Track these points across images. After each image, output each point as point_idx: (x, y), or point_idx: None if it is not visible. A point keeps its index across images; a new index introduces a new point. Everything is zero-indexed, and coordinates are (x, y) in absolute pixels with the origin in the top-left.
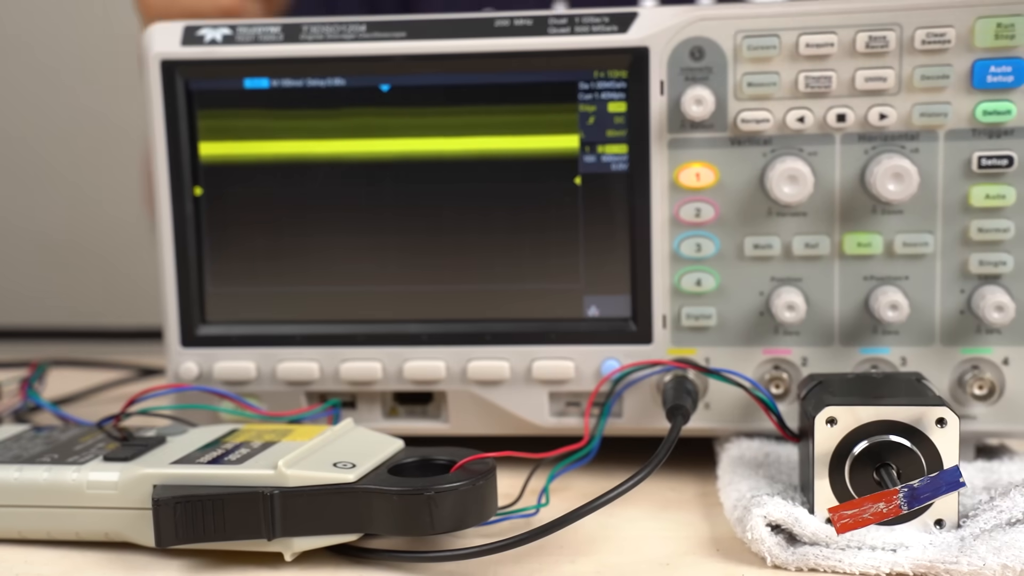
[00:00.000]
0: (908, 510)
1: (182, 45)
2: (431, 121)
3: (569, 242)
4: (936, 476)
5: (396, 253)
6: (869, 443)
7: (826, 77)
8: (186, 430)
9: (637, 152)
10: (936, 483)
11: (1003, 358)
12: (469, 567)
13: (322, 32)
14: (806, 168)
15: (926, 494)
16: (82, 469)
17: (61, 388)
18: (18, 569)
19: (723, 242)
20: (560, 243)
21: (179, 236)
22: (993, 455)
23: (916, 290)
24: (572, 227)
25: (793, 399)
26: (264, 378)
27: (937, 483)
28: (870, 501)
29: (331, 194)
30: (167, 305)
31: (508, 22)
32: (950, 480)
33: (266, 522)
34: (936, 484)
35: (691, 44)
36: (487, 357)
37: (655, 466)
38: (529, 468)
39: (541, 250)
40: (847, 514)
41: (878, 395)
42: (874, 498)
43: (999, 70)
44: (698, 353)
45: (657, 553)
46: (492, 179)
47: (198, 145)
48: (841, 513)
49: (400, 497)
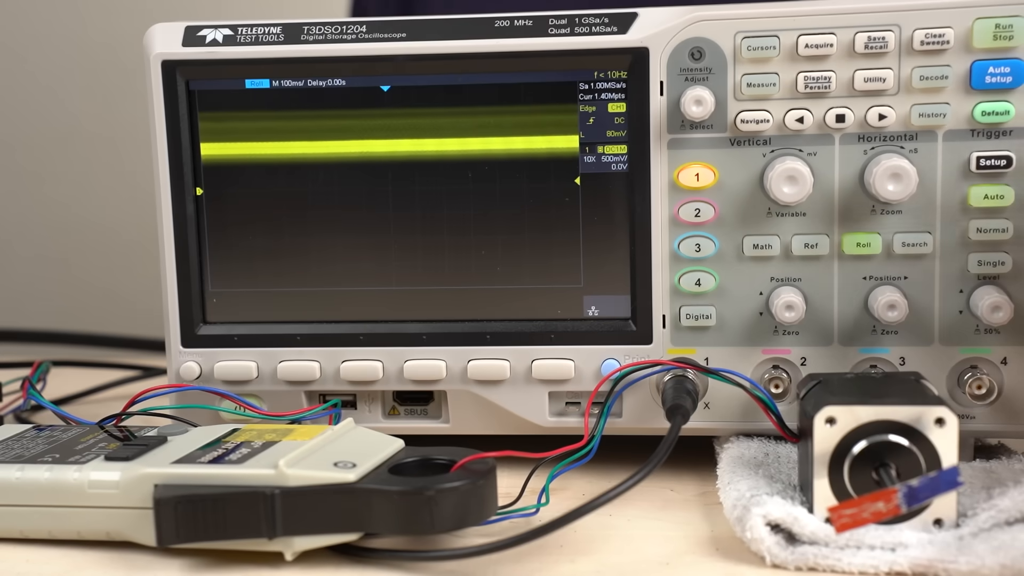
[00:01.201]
0: (907, 509)
1: (183, 46)
2: (431, 121)
3: (569, 242)
4: (934, 476)
5: (396, 253)
6: (868, 443)
7: (825, 78)
8: (187, 430)
9: (637, 152)
10: (934, 483)
11: (1002, 358)
12: (469, 567)
13: (323, 33)
14: (805, 168)
15: (924, 493)
16: (83, 469)
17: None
18: (20, 568)
19: (723, 242)
20: (560, 243)
21: (180, 236)
22: (992, 455)
23: (915, 290)
24: (572, 227)
25: (792, 399)
26: (265, 378)
27: (935, 483)
28: (869, 500)
29: (331, 194)
30: (168, 305)
31: (508, 22)
32: (948, 480)
33: (267, 521)
34: (934, 484)
35: (691, 45)
36: (487, 357)
37: (655, 465)
38: (529, 468)
39: (541, 250)
40: (846, 513)
41: (877, 395)
42: (873, 497)
43: (998, 71)
44: (698, 353)
45: (657, 553)
46: (492, 179)
47: (199, 145)
48: (840, 512)
49: (400, 497)
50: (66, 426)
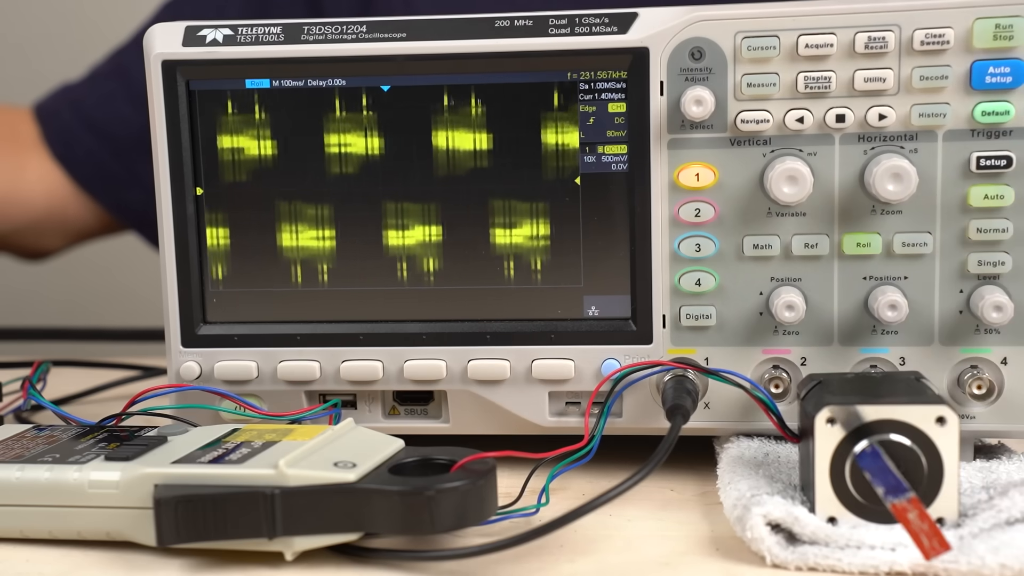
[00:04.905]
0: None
1: (183, 46)
2: (431, 121)
3: (569, 242)
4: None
5: (396, 253)
6: (869, 442)
7: (825, 78)
8: (187, 430)
9: (637, 152)
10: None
11: (1002, 358)
12: (469, 567)
13: (323, 33)
14: (805, 168)
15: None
16: (83, 468)
17: (62, 388)
18: (20, 568)
19: (723, 242)
20: (560, 243)
21: (180, 236)
22: (992, 454)
23: (915, 290)
24: (572, 227)
25: (793, 399)
26: (265, 378)
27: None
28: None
29: (331, 194)
30: (168, 305)
31: (508, 22)
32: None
33: (267, 521)
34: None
35: (691, 45)
36: (487, 357)
37: (655, 465)
38: (529, 468)
39: (541, 250)
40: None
41: (878, 394)
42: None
43: (998, 71)
44: (698, 353)
45: (657, 553)
46: (492, 179)
47: (199, 145)
48: (932, 545)
49: (401, 497)
50: (66, 426)
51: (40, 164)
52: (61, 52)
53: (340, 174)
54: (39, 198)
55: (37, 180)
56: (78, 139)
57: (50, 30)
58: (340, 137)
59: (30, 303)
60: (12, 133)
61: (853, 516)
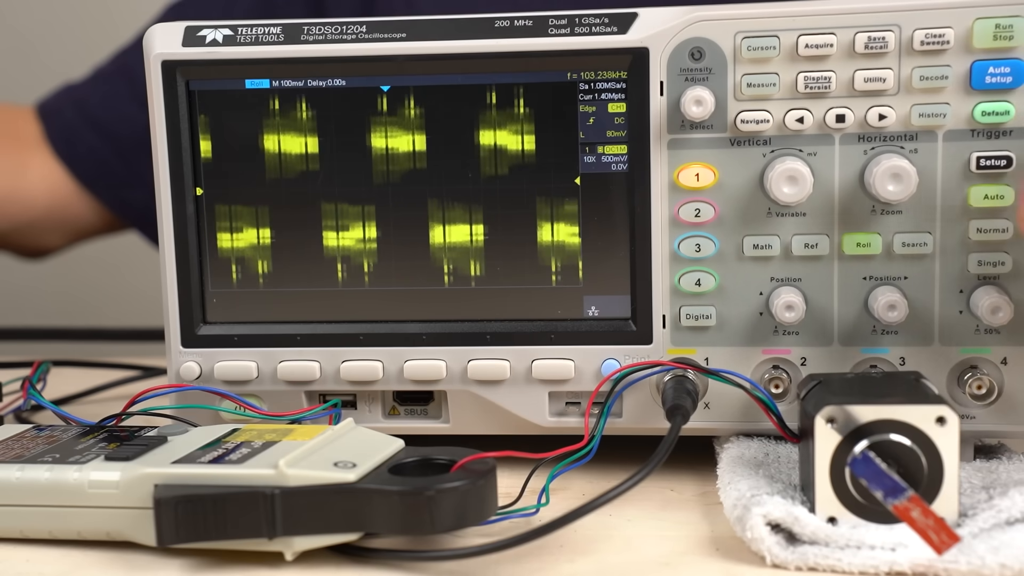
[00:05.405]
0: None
1: (183, 46)
2: (431, 121)
3: (569, 242)
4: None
5: (396, 253)
6: (869, 442)
7: (825, 78)
8: (187, 430)
9: (637, 152)
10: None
11: (1002, 358)
12: (469, 567)
13: (322, 33)
14: (805, 168)
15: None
16: (83, 469)
17: (62, 388)
18: (20, 568)
19: (723, 242)
20: (560, 243)
21: (180, 236)
22: (992, 454)
23: (915, 290)
24: (572, 227)
25: (793, 399)
26: (265, 378)
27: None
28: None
29: (331, 193)
30: (168, 305)
31: (508, 22)
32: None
33: (267, 521)
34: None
35: (691, 45)
36: (487, 357)
37: (655, 465)
38: (529, 468)
39: (541, 250)
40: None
41: (878, 394)
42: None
43: (998, 71)
44: (698, 353)
45: (657, 553)
46: (492, 179)
47: (199, 145)
48: (941, 539)
49: (401, 497)
50: (66, 426)
51: (42, 162)
52: (64, 52)
53: (340, 173)
54: (41, 196)
55: (39, 178)
56: (81, 137)
57: (53, 30)
58: (340, 136)
59: (30, 302)
60: (14, 131)
61: (853, 516)
